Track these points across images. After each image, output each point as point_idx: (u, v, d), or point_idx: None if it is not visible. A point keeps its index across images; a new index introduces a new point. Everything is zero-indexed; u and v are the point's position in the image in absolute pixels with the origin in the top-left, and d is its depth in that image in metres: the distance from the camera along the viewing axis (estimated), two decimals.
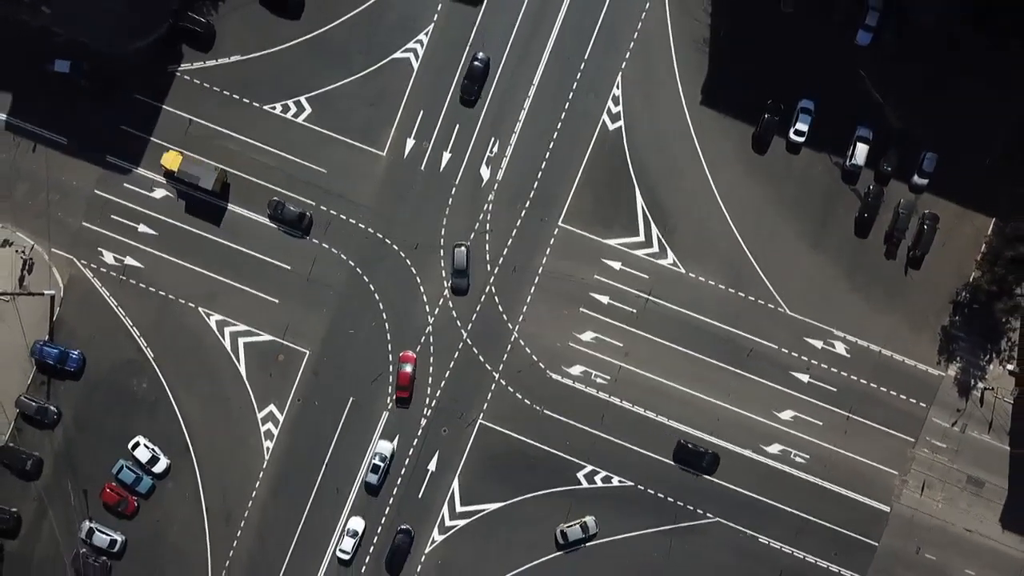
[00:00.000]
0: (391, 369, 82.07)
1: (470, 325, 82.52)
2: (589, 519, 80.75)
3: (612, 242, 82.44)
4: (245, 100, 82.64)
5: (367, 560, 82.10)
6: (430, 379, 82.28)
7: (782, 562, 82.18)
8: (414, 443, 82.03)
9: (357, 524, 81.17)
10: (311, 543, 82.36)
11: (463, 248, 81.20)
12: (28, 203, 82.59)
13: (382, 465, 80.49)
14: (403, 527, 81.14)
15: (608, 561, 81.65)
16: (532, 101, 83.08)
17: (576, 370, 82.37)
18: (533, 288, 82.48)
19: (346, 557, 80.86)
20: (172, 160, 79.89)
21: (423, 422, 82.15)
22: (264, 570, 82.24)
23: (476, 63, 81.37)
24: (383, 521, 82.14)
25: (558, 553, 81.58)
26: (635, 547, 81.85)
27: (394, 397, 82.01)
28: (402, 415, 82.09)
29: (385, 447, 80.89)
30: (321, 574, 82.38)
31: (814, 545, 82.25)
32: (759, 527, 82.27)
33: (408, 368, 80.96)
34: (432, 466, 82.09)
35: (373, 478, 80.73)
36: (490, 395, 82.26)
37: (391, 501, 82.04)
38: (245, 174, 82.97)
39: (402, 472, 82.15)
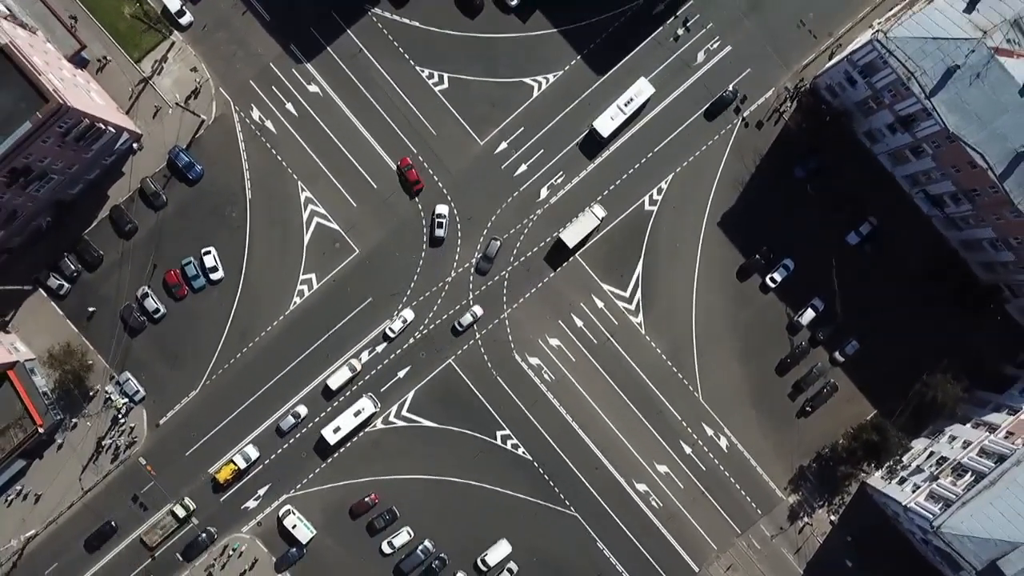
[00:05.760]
0: (403, 181, 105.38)
1: (478, 292, 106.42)
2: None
3: (605, 287, 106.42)
4: (406, 56, 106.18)
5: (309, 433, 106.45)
6: (431, 314, 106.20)
7: (604, 568, 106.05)
8: (397, 352, 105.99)
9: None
10: (289, 383, 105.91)
11: (497, 242, 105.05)
12: (219, 48, 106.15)
13: (443, 221, 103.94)
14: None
15: (486, 503, 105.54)
16: (602, 160, 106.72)
17: (534, 361, 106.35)
18: (535, 289, 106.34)
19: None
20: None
21: (411, 341, 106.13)
22: (248, 385, 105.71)
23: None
24: (346, 395, 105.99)
25: (457, 479, 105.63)
26: (508, 503, 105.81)
27: (414, 190, 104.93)
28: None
29: (443, 208, 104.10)
30: (278, 414, 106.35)
31: (633, 567, 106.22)
32: (601, 536, 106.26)
33: (414, 169, 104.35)
34: (401, 374, 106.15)
35: (440, 232, 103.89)
36: (466, 347, 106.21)
37: (359, 383, 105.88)
38: (377, 104, 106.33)
39: (378, 367, 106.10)
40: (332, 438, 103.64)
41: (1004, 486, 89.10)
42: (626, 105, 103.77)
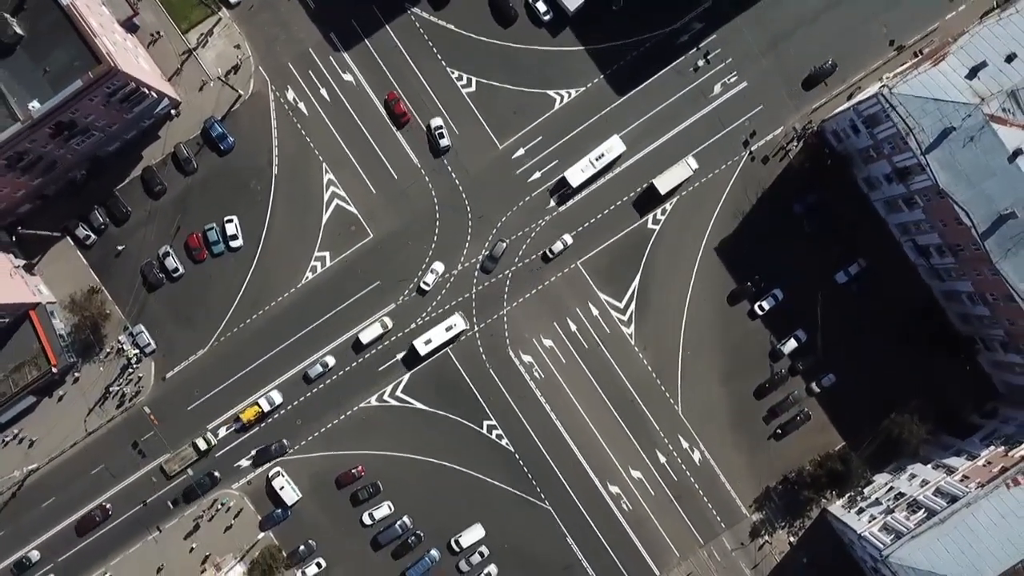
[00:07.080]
0: (391, 114, 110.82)
1: (481, 287, 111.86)
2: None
3: (602, 296, 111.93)
4: (438, 56, 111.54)
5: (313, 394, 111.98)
6: (434, 303, 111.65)
7: (571, 562, 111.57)
8: (399, 335, 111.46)
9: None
10: (292, 353, 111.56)
11: (503, 244, 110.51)
12: (263, 29, 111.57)
13: (442, 131, 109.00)
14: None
15: (466, 487, 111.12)
16: (614, 176, 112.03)
17: (526, 358, 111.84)
18: (535, 290, 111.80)
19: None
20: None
21: (413, 326, 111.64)
22: (254, 350, 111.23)
23: None
24: (346, 368, 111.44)
25: (441, 462, 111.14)
26: (486, 490, 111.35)
27: (401, 122, 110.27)
28: (402, 314, 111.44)
29: (438, 120, 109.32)
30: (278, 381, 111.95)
31: (599, 565, 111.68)
32: (571, 531, 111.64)
33: (400, 102, 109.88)
34: (400, 356, 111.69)
35: (444, 141, 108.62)
36: (464, 338, 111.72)
37: (362, 360, 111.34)
38: (405, 97, 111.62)
39: (378, 347, 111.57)
40: (423, 349, 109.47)
41: (953, 525, 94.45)
42: (597, 159, 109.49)
